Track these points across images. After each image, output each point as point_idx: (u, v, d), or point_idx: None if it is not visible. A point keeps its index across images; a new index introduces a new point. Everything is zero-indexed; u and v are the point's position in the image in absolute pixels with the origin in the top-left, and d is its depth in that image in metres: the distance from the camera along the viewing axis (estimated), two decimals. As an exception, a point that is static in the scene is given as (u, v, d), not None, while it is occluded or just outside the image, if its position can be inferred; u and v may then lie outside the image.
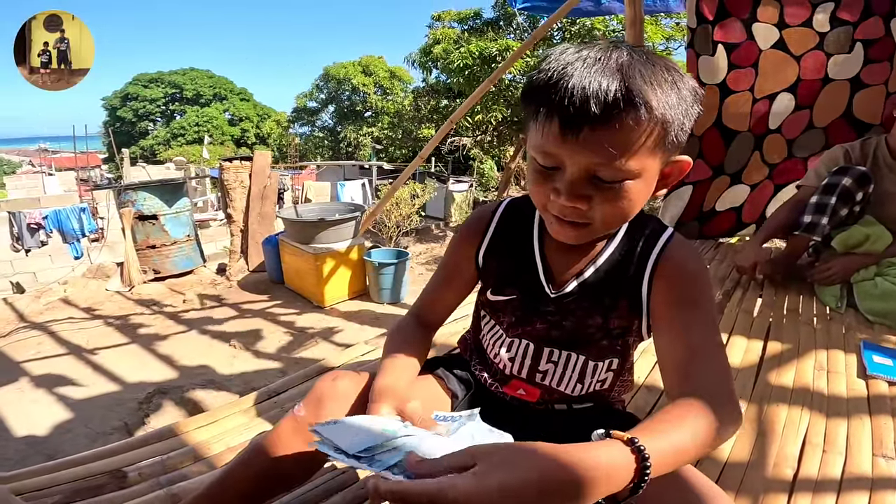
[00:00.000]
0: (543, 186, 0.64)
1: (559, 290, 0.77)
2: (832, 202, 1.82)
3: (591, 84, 0.55)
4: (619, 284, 0.76)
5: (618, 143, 0.57)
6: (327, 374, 0.80)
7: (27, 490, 0.90)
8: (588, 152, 0.58)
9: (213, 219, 9.96)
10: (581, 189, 0.61)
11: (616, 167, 0.58)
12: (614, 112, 0.55)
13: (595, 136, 0.56)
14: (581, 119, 0.56)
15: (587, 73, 0.56)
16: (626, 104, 0.55)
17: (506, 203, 0.85)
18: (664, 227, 0.77)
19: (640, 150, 0.58)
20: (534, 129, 0.62)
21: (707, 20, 2.24)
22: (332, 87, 21.25)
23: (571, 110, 0.56)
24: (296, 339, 3.51)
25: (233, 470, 0.77)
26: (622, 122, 0.55)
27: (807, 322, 1.73)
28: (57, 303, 4.60)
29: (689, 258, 0.75)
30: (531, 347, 0.82)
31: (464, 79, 9.14)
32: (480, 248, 0.84)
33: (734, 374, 1.36)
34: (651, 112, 0.56)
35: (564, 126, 0.57)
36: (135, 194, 5.21)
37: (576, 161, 0.59)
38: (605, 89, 0.55)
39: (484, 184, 11.61)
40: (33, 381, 2.99)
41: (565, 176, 0.61)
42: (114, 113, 29.24)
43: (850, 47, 2.23)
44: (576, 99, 0.55)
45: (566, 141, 0.58)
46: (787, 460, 1.04)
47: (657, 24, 7.88)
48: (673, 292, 0.72)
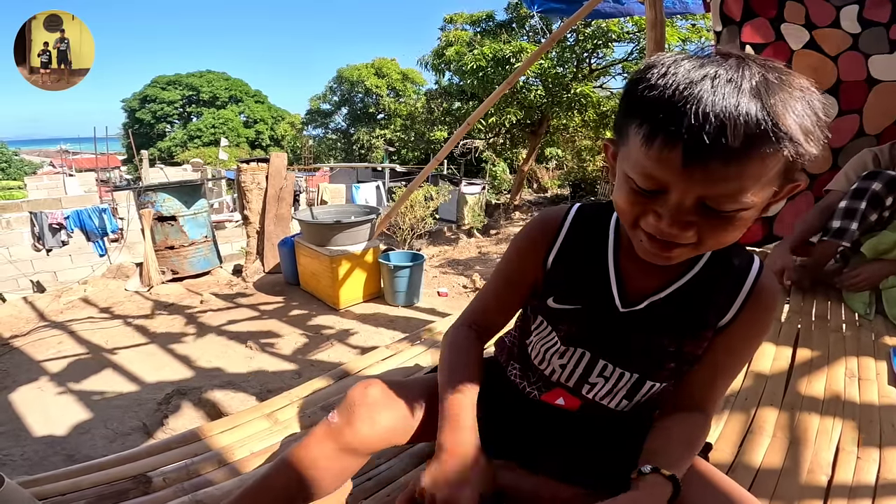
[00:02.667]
0: (640, 207, 0.59)
1: (630, 306, 0.75)
2: (862, 207, 1.78)
3: (727, 112, 0.48)
4: (703, 310, 0.73)
5: (749, 177, 0.51)
6: (360, 383, 0.80)
7: (49, 495, 0.90)
8: (711, 184, 0.52)
9: (228, 220, 10.06)
10: (689, 216, 0.55)
11: (739, 200, 0.53)
12: (754, 145, 0.49)
13: (726, 169, 0.50)
14: (713, 150, 0.49)
15: (720, 96, 0.49)
16: (768, 137, 0.48)
17: (576, 209, 0.81)
18: (750, 254, 0.75)
19: (770, 182, 0.53)
20: (636, 145, 0.55)
21: (733, 21, 2.18)
22: (346, 90, 21.35)
23: (702, 139, 0.49)
24: (311, 341, 3.52)
25: (266, 478, 0.76)
26: (761, 155, 0.49)
27: (836, 329, 1.69)
28: (77, 302, 4.67)
29: (776, 295, 0.75)
30: (586, 357, 0.79)
31: (477, 81, 9.16)
32: (550, 254, 0.80)
33: (763, 382, 1.34)
34: (792, 144, 0.50)
35: (689, 156, 0.50)
36: (154, 195, 5.28)
37: (692, 191, 0.53)
38: (745, 120, 0.48)
39: (496, 186, 11.59)
40: (53, 381, 3.03)
41: (671, 201, 0.55)
42: (133, 115, 29.67)
43: (891, 48, 2.16)
44: (710, 128, 0.48)
45: (687, 170, 0.51)
46: (821, 467, 1.03)
47: (673, 27, 7.82)
48: (751, 327, 0.74)
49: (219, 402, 2.53)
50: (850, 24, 2.15)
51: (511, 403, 0.89)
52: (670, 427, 0.75)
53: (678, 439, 0.73)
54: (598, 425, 0.84)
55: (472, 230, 8.56)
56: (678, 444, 0.72)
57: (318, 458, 0.74)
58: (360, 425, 0.75)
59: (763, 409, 1.22)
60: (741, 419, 1.18)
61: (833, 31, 2.17)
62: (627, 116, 0.57)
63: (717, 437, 1.12)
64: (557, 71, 9.14)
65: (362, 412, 0.76)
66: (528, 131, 10.47)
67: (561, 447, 0.84)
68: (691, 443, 0.74)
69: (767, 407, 1.23)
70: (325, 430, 0.76)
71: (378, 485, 0.96)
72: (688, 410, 0.77)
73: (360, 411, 0.76)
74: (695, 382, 0.78)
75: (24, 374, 3.12)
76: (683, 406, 0.78)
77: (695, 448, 0.74)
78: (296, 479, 0.74)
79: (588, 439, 0.84)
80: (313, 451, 0.75)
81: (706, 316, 0.73)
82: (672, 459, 0.69)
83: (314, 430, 0.77)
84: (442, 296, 4.52)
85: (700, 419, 0.77)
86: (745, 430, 1.14)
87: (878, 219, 1.82)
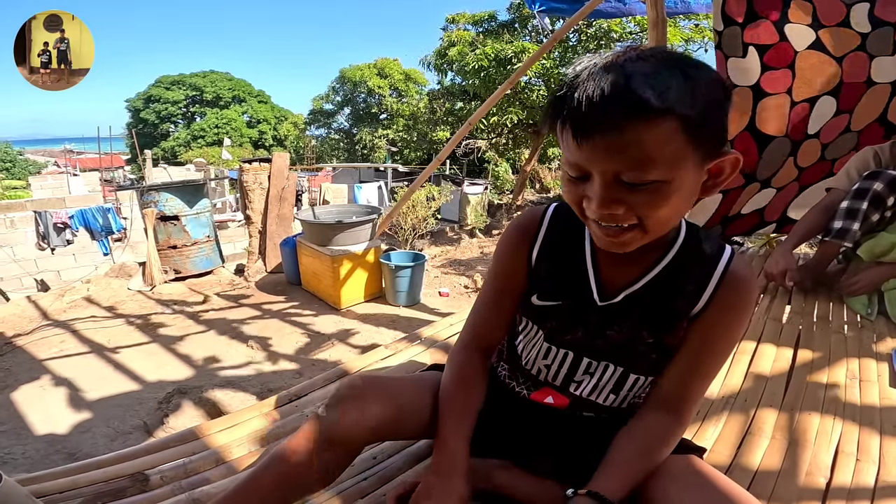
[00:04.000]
0: (575, 195, 0.65)
1: (607, 300, 0.76)
2: (864, 207, 1.77)
3: (594, 89, 0.55)
4: (675, 300, 0.74)
5: (631, 144, 0.56)
6: (348, 377, 0.80)
7: (47, 492, 0.90)
8: (611, 157, 0.57)
9: (231, 220, 10.09)
10: (611, 193, 0.60)
11: (638, 169, 0.57)
12: (619, 114, 0.55)
13: (607, 140, 0.56)
14: (590, 124, 0.56)
15: (593, 79, 0.56)
16: (630, 104, 0.54)
17: (554, 206, 0.83)
18: (721, 242, 0.75)
19: (661, 149, 0.56)
20: (560, 140, 0.63)
21: (735, 22, 2.15)
22: (348, 90, 21.39)
23: (580, 117, 0.57)
24: (312, 341, 3.53)
25: (256, 474, 0.77)
26: (631, 123, 0.55)
27: (837, 330, 1.68)
28: (80, 301, 4.68)
29: (749, 282, 0.74)
30: (570, 357, 0.80)
31: (479, 81, 9.15)
32: (533, 250, 0.82)
33: (763, 383, 1.34)
34: (660, 107, 0.54)
35: (576, 134, 0.58)
36: (157, 195, 5.29)
37: (597, 167, 0.59)
38: (607, 92, 0.55)
39: (499, 186, 11.59)
40: (55, 379, 3.04)
41: (594, 182, 0.61)
42: (137, 115, 29.81)
43: (894, 49, 2.14)
44: (582, 105, 0.56)
45: (582, 148, 0.58)
46: (819, 469, 1.02)
47: (675, 27, 7.80)
48: (724, 315, 0.74)
49: (219, 402, 2.54)
50: (859, 23, 2.11)
51: (503, 403, 0.89)
52: (632, 435, 0.76)
53: (635, 451, 0.74)
54: (590, 423, 0.84)
55: (474, 230, 8.56)
56: (637, 461, 0.73)
57: (307, 452, 0.75)
58: (347, 418, 0.75)
59: (762, 411, 1.21)
60: (740, 420, 1.18)
61: (841, 31, 2.14)
62: (548, 117, 0.64)
63: (715, 439, 1.12)
64: (560, 71, 9.13)
65: (349, 405, 0.76)
66: (530, 131, 10.45)
67: (554, 446, 0.84)
68: (651, 452, 0.74)
69: (767, 408, 1.22)
70: (314, 424, 0.76)
71: (374, 484, 0.95)
72: (661, 410, 0.77)
73: (347, 405, 0.76)
74: (669, 378, 0.78)
75: (26, 373, 3.13)
76: (656, 405, 0.78)
77: (656, 455, 0.74)
78: (286, 473, 0.74)
79: (580, 437, 0.84)
80: (303, 445, 0.75)
81: (677, 305, 0.74)
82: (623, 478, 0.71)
83: (303, 425, 0.77)
84: (443, 296, 4.52)
85: (669, 422, 0.77)
86: (743, 431, 1.14)
87: (880, 219, 1.81)
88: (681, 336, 0.76)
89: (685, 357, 0.76)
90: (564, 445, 0.84)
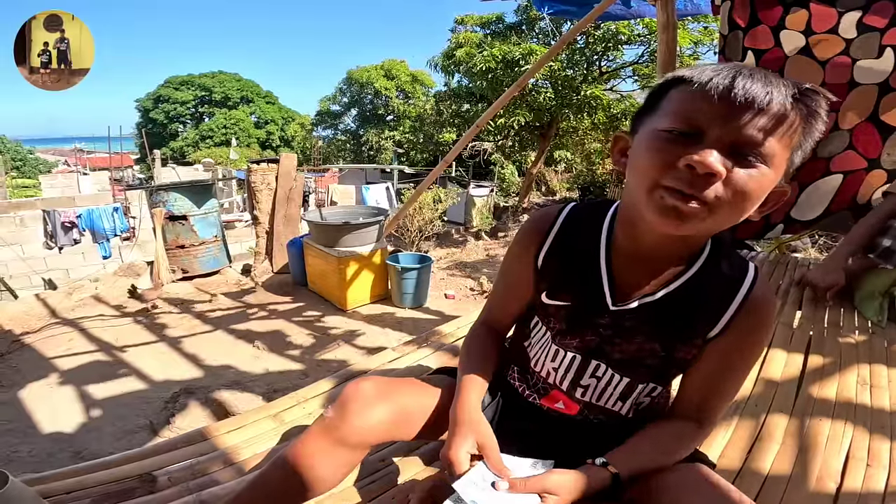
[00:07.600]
0: (665, 156, 0.60)
1: (621, 304, 0.74)
2: None
3: (758, 80, 0.58)
4: (693, 317, 0.73)
5: (769, 116, 0.57)
6: (355, 379, 0.80)
7: (55, 493, 0.90)
8: (737, 117, 0.57)
9: (238, 220, 10.13)
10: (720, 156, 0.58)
11: (759, 144, 0.58)
12: (781, 87, 0.57)
13: (749, 101, 0.56)
14: (744, 82, 0.57)
15: (750, 76, 0.58)
16: (788, 98, 0.57)
17: (570, 207, 0.83)
18: (746, 262, 0.74)
19: (783, 139, 0.58)
20: (676, 99, 0.62)
21: (739, 27, 2.23)
22: (355, 91, 21.42)
23: (732, 76, 0.58)
24: (318, 342, 3.53)
25: (263, 476, 0.77)
26: (782, 102, 0.57)
27: (848, 336, 1.67)
28: (88, 300, 4.71)
29: (770, 307, 0.74)
30: (577, 360, 0.80)
31: (487, 82, 9.14)
32: (541, 249, 0.81)
33: (774, 389, 1.33)
34: (802, 115, 0.58)
35: (718, 87, 0.57)
36: (166, 195, 5.32)
37: (721, 126, 0.58)
38: (774, 84, 0.57)
39: (505, 189, 11.59)
40: (62, 378, 3.06)
41: (706, 140, 0.59)
42: (146, 115, 29.98)
43: (880, 52, 2.18)
44: (747, 81, 0.57)
45: (712, 103, 0.58)
46: (830, 475, 1.02)
47: (684, 29, 7.77)
48: (744, 339, 0.73)
49: (226, 402, 2.54)
50: (847, 30, 2.20)
51: (514, 407, 0.89)
52: (652, 430, 0.78)
53: (651, 443, 0.76)
54: (603, 431, 0.83)
55: (480, 232, 8.55)
56: (649, 447, 0.75)
57: (314, 453, 0.75)
58: (353, 419, 0.75)
59: (773, 416, 1.20)
60: (750, 426, 1.17)
61: (829, 37, 2.23)
62: (664, 87, 0.64)
63: (725, 444, 1.11)
64: (567, 73, 9.11)
65: (355, 406, 0.76)
66: (537, 134, 10.44)
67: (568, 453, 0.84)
68: (667, 449, 0.76)
69: (777, 414, 1.21)
70: (321, 425, 0.77)
71: (383, 487, 0.95)
72: (682, 419, 0.79)
73: (353, 405, 0.77)
74: (690, 391, 0.79)
75: (33, 372, 3.15)
76: (678, 414, 0.80)
77: (670, 454, 0.75)
78: (293, 474, 0.75)
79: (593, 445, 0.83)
80: (309, 446, 0.76)
81: (695, 323, 0.73)
82: (632, 457, 0.74)
83: (311, 427, 0.78)
84: (449, 298, 4.52)
85: (689, 429, 0.78)
86: (753, 436, 1.13)
87: None
88: (694, 353, 0.75)
89: (705, 374, 0.76)
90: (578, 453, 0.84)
